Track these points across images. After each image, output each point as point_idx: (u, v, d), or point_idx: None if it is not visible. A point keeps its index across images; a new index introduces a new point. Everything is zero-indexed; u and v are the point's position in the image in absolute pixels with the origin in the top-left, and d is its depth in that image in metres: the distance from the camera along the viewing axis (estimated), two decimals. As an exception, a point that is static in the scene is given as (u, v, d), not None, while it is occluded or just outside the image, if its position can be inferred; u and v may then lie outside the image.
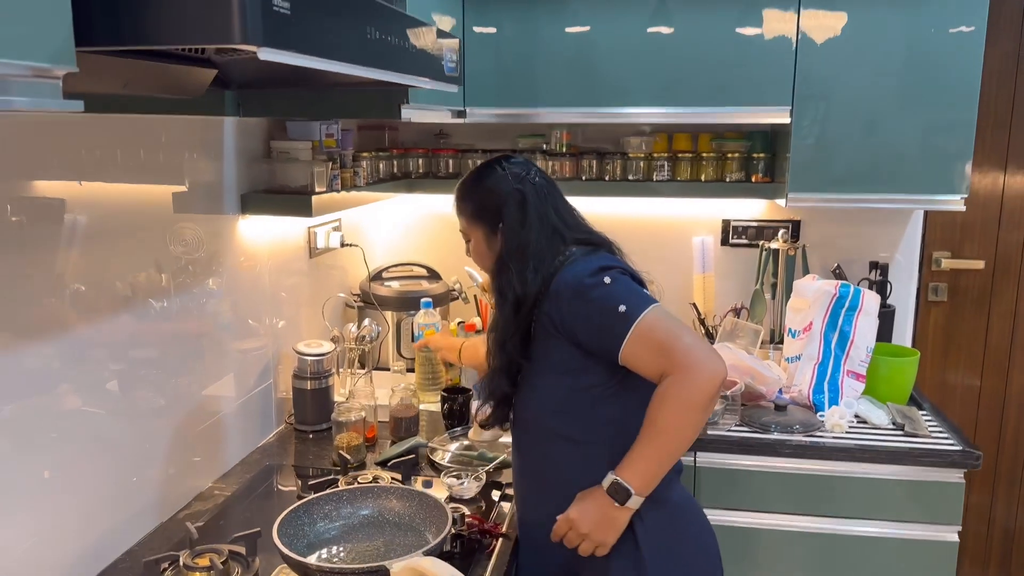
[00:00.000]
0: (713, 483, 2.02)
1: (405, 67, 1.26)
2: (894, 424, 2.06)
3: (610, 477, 1.35)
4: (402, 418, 2.02)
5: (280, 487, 1.80)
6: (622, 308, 1.34)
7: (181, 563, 1.37)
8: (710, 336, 2.44)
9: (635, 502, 1.34)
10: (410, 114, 1.76)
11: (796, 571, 2.03)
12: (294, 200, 1.86)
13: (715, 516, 1.98)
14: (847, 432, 2.02)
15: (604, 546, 1.37)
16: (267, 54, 0.83)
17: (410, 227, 2.79)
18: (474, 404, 2.11)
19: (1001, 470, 2.84)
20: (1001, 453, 2.83)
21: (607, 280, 1.37)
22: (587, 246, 1.49)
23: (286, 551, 1.23)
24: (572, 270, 1.42)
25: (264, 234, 1.96)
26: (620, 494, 1.33)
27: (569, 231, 1.50)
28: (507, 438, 1.66)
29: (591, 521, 1.36)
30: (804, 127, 2.16)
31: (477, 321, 2.59)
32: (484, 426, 1.61)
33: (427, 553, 1.23)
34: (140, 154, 1.53)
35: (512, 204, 1.48)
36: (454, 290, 2.63)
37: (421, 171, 2.63)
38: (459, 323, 2.56)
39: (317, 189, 1.89)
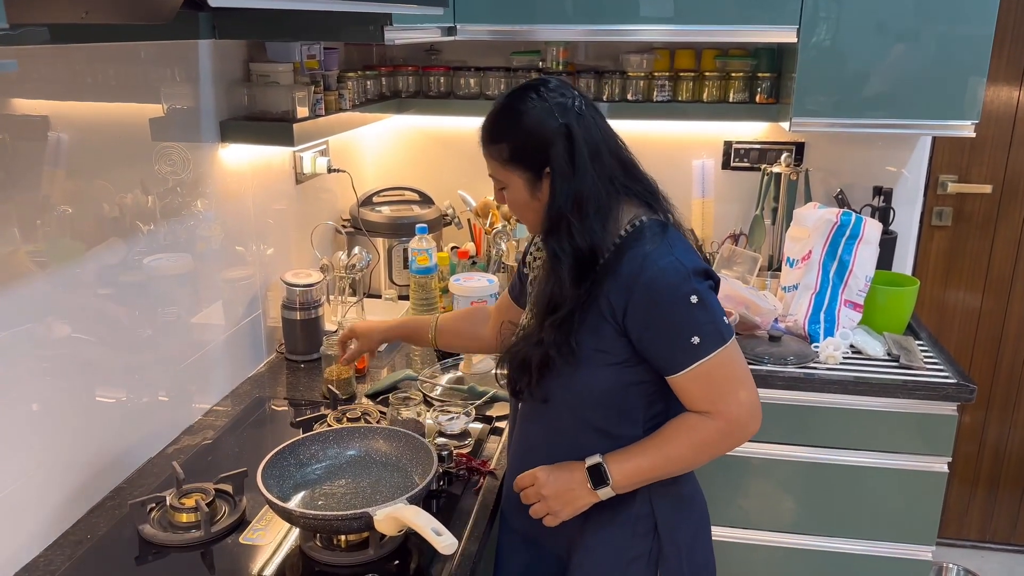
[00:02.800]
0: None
1: (381, -6, 1.17)
2: (889, 355, 2.04)
3: (596, 459, 1.27)
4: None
5: (270, 420, 1.80)
6: (695, 340, 1.20)
7: (168, 504, 1.37)
8: (707, 263, 2.39)
9: (605, 494, 1.27)
10: (394, 36, 1.66)
11: (785, 499, 2.06)
12: (275, 128, 1.78)
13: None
14: (841, 363, 2.00)
15: (556, 517, 1.30)
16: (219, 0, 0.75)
17: (401, 149, 2.71)
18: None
19: (996, 392, 2.85)
20: (997, 375, 2.83)
21: (693, 300, 1.20)
22: (645, 204, 1.30)
23: (270, 496, 1.23)
24: (653, 263, 1.21)
25: (247, 160, 1.90)
26: (597, 480, 1.26)
27: (622, 176, 1.29)
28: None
29: (556, 489, 1.29)
30: (811, 47, 2.05)
31: (470, 246, 2.55)
32: (517, 393, 1.37)
33: (412, 498, 1.23)
34: (112, 81, 1.46)
35: (560, 144, 1.23)
36: (447, 215, 2.57)
37: (411, 90, 2.53)
38: (452, 248, 2.52)
39: (299, 115, 1.81)
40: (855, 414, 1.96)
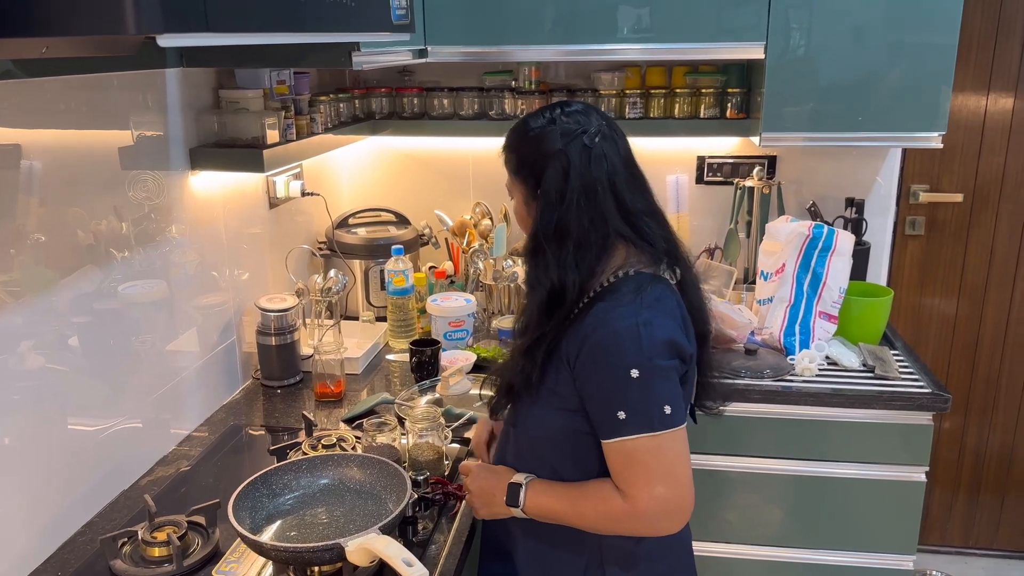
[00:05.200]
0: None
1: (343, 25, 1.18)
2: (865, 366, 2.05)
3: (521, 480, 1.29)
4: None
5: (248, 447, 1.79)
6: (621, 415, 1.16)
7: (140, 538, 1.36)
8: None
9: (518, 513, 1.29)
10: (363, 60, 1.67)
11: (765, 512, 2.06)
12: (245, 154, 1.78)
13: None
14: (817, 375, 2.01)
15: (476, 511, 1.38)
16: (169, 40, 0.76)
17: (377, 170, 2.71)
18: (443, 356, 2.09)
19: (974, 397, 2.87)
20: (974, 380, 2.86)
21: (633, 375, 1.14)
22: (645, 252, 1.24)
23: (241, 529, 1.22)
24: (610, 323, 1.17)
25: (218, 186, 1.89)
26: (512, 498, 1.29)
27: (617, 217, 1.22)
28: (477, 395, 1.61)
29: (481, 487, 1.35)
30: (778, 63, 2.07)
31: (448, 266, 2.55)
32: (491, 413, 1.42)
33: (384, 527, 1.22)
34: (84, 108, 1.47)
35: (554, 169, 1.22)
36: (423, 235, 2.57)
37: (386, 111, 2.54)
38: (430, 268, 2.52)
39: (269, 141, 1.81)
40: (832, 426, 1.97)
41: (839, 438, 1.98)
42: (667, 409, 1.16)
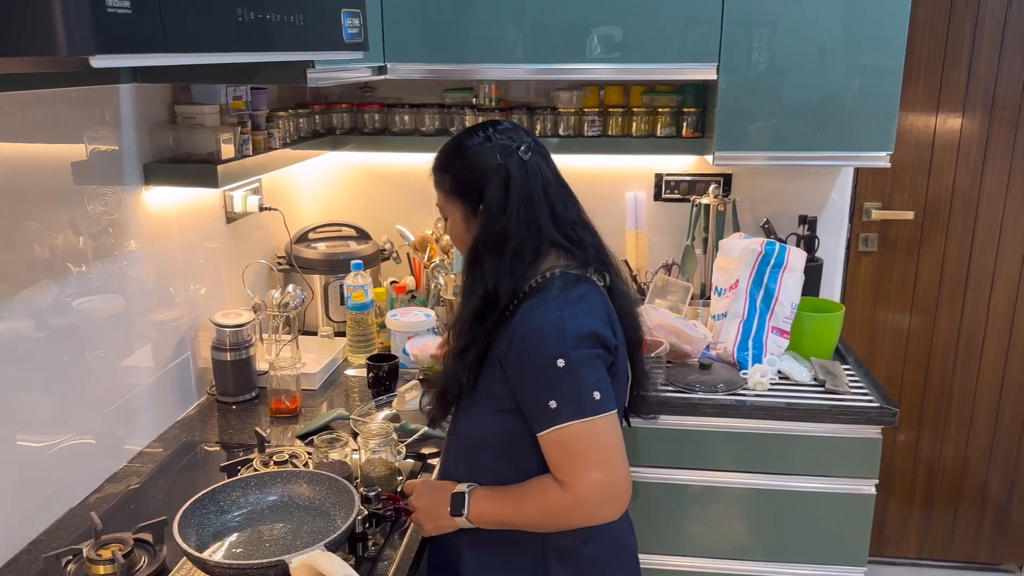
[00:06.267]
0: (641, 441, 2.04)
1: (290, 44, 1.19)
2: (816, 380, 2.09)
3: (463, 489, 1.32)
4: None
5: (202, 463, 1.78)
6: (552, 404, 1.20)
7: (84, 556, 1.34)
8: (642, 292, 2.43)
9: (463, 523, 1.32)
10: (317, 77, 1.68)
11: (718, 525, 2.08)
12: (200, 169, 1.78)
13: (642, 473, 2.03)
14: (769, 390, 2.04)
15: (423, 529, 1.39)
16: (102, 61, 0.76)
17: (338, 185, 2.72)
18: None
19: (927, 410, 2.93)
20: (927, 394, 2.91)
21: (559, 364, 1.19)
22: (572, 256, 1.32)
23: (185, 546, 1.21)
24: (534, 317, 1.23)
25: (173, 201, 1.89)
26: (456, 508, 1.31)
27: (551, 225, 1.30)
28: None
29: (425, 503, 1.37)
30: (730, 83, 2.12)
31: (409, 280, 2.56)
32: (431, 422, 1.45)
33: (331, 543, 1.22)
34: (41, 122, 1.47)
35: (495, 183, 1.28)
36: (384, 250, 2.58)
37: (347, 127, 2.55)
38: (391, 283, 2.52)
39: (224, 156, 1.81)
40: (785, 439, 2.00)
41: (791, 451, 2.01)
42: (596, 395, 1.21)
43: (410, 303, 2.47)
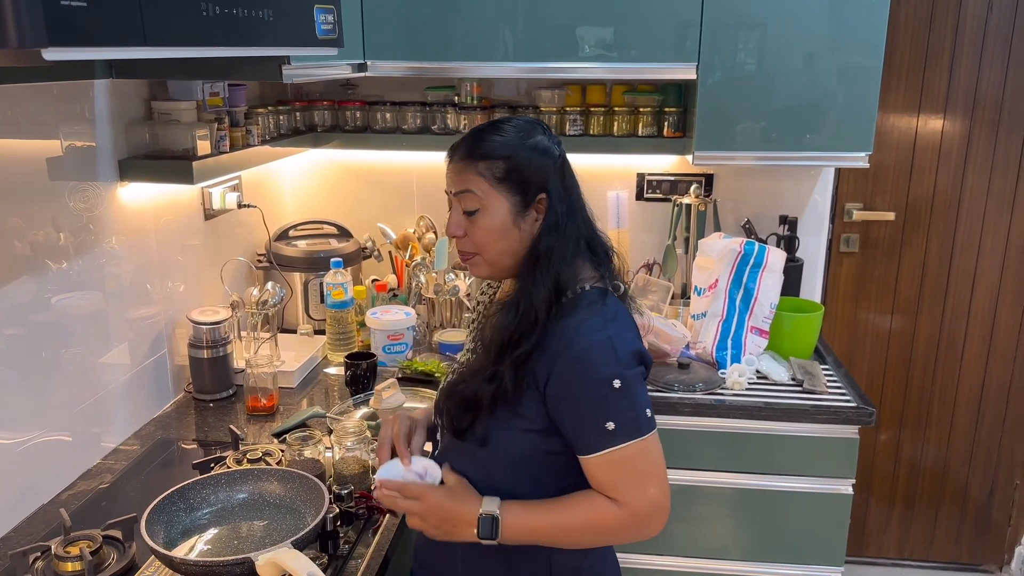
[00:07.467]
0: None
1: (259, 39, 1.19)
2: (794, 380, 2.09)
3: (493, 510, 1.19)
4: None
5: (178, 461, 1.77)
6: (610, 426, 1.15)
7: (52, 553, 1.34)
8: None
9: (488, 543, 1.21)
10: (293, 73, 1.67)
11: (696, 524, 2.09)
12: (175, 166, 1.77)
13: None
14: (747, 389, 2.05)
15: (426, 532, 1.26)
16: (54, 54, 0.76)
17: (320, 183, 2.71)
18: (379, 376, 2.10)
19: (908, 410, 2.94)
20: (908, 394, 2.92)
21: (616, 385, 1.14)
22: (594, 267, 1.25)
23: (152, 543, 1.21)
24: (583, 337, 1.16)
25: (149, 198, 1.88)
26: (486, 530, 1.19)
27: (590, 228, 1.26)
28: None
29: (439, 518, 1.23)
30: (710, 83, 2.12)
31: (391, 279, 2.56)
32: (458, 434, 1.28)
33: (298, 541, 1.22)
34: (20, 118, 1.47)
35: (557, 177, 1.21)
36: (366, 248, 2.57)
37: (328, 124, 2.54)
38: (372, 281, 2.52)
39: (200, 153, 1.80)
40: (763, 439, 2.01)
41: (769, 451, 2.01)
42: (648, 412, 1.19)
43: (391, 301, 2.47)
